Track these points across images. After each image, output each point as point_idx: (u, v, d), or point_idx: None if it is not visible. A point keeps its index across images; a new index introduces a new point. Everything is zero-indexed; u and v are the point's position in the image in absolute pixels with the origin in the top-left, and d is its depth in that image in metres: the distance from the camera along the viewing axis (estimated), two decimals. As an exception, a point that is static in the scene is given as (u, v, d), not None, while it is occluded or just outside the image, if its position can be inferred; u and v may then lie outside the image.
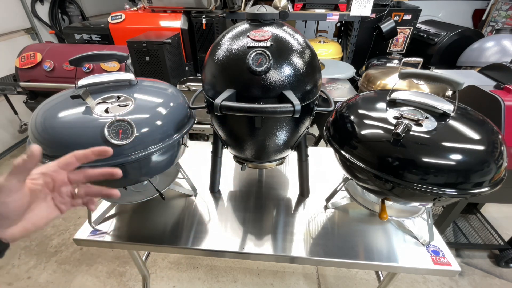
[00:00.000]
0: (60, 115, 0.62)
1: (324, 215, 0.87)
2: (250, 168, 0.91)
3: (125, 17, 2.19)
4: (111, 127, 0.59)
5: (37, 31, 2.68)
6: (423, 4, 2.64)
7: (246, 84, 0.60)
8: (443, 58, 2.38)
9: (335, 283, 1.51)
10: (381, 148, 0.60)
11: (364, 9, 2.27)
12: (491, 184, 0.57)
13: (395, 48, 2.66)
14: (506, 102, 1.05)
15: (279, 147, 0.74)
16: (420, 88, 1.41)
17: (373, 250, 0.75)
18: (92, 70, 1.86)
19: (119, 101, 0.67)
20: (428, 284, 1.49)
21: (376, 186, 0.66)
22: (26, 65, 1.88)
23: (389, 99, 0.70)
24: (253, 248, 0.76)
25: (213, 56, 0.64)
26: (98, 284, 1.51)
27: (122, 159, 0.61)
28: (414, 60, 1.16)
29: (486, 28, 3.67)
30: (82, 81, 0.70)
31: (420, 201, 0.65)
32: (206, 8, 2.13)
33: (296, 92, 0.60)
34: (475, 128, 0.60)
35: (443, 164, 0.55)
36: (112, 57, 0.72)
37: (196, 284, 1.50)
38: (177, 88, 0.82)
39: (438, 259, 0.73)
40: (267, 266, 1.60)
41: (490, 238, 1.62)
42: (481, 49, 2.11)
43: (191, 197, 0.94)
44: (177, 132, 0.70)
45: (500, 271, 1.55)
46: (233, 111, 0.57)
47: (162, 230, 0.81)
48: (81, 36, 2.28)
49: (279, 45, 0.60)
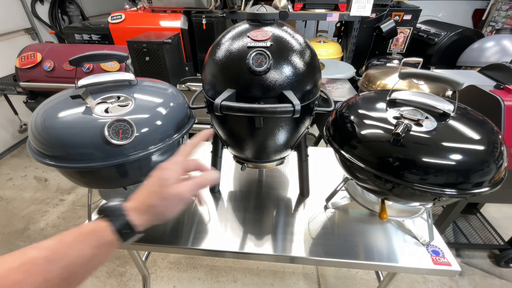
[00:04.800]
0: (60, 115, 0.62)
1: (324, 215, 0.87)
2: (250, 168, 0.91)
3: (125, 17, 2.19)
4: (111, 127, 0.59)
5: (37, 31, 2.68)
6: (423, 4, 2.64)
7: (246, 84, 0.60)
8: (443, 58, 2.38)
9: (335, 283, 1.51)
10: (381, 148, 0.60)
11: (364, 9, 2.27)
12: (491, 184, 0.57)
13: (395, 48, 2.66)
14: (506, 102, 1.05)
15: (279, 147, 0.74)
16: (420, 88, 1.41)
17: (373, 250, 0.75)
18: (92, 70, 1.86)
19: (119, 101, 0.67)
20: (428, 284, 1.49)
21: (376, 186, 0.66)
22: (26, 65, 1.88)
23: (389, 99, 0.70)
24: (253, 248, 0.76)
25: (213, 56, 0.64)
26: (98, 284, 1.51)
27: (122, 159, 0.61)
28: (414, 60, 1.15)
29: (486, 28, 3.67)
30: (82, 81, 0.70)
31: (420, 201, 0.65)
32: (206, 8, 2.13)
33: (296, 92, 0.60)
34: (475, 128, 0.60)
35: (443, 164, 0.55)
36: (112, 57, 0.72)
37: (196, 284, 1.50)
38: (177, 88, 0.82)
39: (438, 259, 0.73)
40: (267, 266, 1.60)
41: (490, 238, 1.62)
42: (481, 49, 2.11)
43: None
44: (177, 132, 0.70)
45: (500, 271, 1.55)
46: (233, 111, 0.57)
47: (162, 230, 0.81)
48: (81, 36, 2.28)
49: (279, 45, 0.60)
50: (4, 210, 1.96)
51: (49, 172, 2.30)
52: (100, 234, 0.39)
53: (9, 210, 1.96)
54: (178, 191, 0.43)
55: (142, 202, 0.42)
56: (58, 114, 0.62)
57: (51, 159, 0.61)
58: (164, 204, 0.42)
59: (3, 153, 2.53)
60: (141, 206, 0.42)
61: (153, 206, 0.42)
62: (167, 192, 0.42)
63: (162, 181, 0.43)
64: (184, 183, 0.44)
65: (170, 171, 0.44)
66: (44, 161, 0.61)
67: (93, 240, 0.38)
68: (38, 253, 0.34)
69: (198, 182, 0.46)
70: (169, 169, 0.44)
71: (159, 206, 0.42)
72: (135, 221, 0.41)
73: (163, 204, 0.42)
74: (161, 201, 0.42)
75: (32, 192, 2.11)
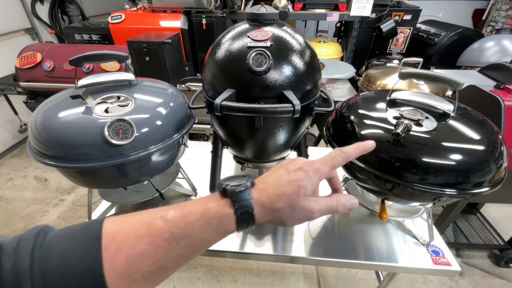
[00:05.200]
0: (60, 115, 0.62)
1: (324, 215, 0.87)
2: (250, 168, 0.91)
3: (125, 17, 2.19)
4: (111, 127, 0.59)
5: (37, 31, 2.68)
6: (423, 4, 2.64)
7: (246, 84, 0.60)
8: (443, 58, 2.38)
9: (335, 283, 1.51)
10: (381, 148, 0.60)
11: (364, 9, 2.27)
12: (491, 184, 0.57)
13: (395, 48, 2.66)
14: (506, 102, 1.05)
15: (279, 147, 0.74)
16: (420, 88, 1.41)
17: (373, 250, 0.75)
18: (92, 70, 1.86)
19: (119, 101, 0.67)
20: (428, 284, 1.49)
21: (376, 186, 0.66)
22: (26, 65, 1.88)
23: (389, 99, 0.70)
24: (253, 248, 0.76)
25: (213, 56, 0.64)
26: (98, 284, 1.50)
27: (122, 159, 0.61)
28: (414, 60, 1.15)
29: (486, 28, 3.67)
30: (82, 81, 0.70)
31: (420, 201, 0.65)
32: (206, 8, 2.13)
33: (296, 92, 0.60)
34: (475, 128, 0.60)
35: (443, 164, 0.55)
36: (112, 57, 0.72)
37: (196, 284, 1.50)
38: (177, 88, 0.82)
39: (438, 259, 0.73)
40: (267, 266, 1.60)
41: (490, 238, 1.62)
42: (481, 49, 2.11)
43: (191, 197, 0.93)
44: (177, 132, 0.70)
45: (500, 271, 1.55)
46: (233, 111, 0.57)
47: (162, 230, 0.81)
48: (81, 36, 2.28)
49: (279, 45, 0.60)
50: (4, 210, 1.96)
51: (49, 172, 2.30)
52: (223, 222, 0.35)
53: (9, 210, 1.96)
54: (311, 208, 0.37)
55: (270, 200, 0.36)
56: (58, 114, 0.62)
57: (51, 159, 0.61)
58: (291, 213, 0.36)
59: (3, 153, 2.53)
60: (267, 203, 0.36)
61: (279, 210, 0.36)
62: (300, 203, 0.36)
63: (299, 189, 0.37)
64: (319, 200, 0.38)
65: (311, 180, 0.38)
66: (44, 161, 0.61)
67: (216, 227, 0.34)
68: (164, 225, 0.32)
69: (332, 207, 0.39)
70: (311, 177, 0.38)
71: (284, 214, 0.36)
72: (256, 217, 0.36)
73: (289, 213, 0.36)
74: (289, 210, 0.36)
75: (32, 192, 2.11)
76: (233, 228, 0.35)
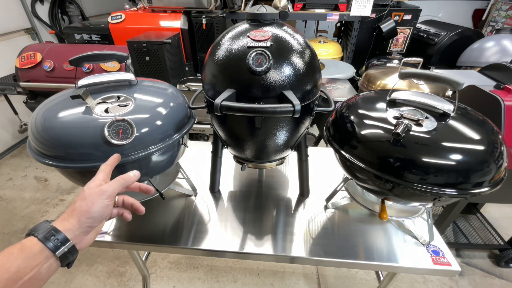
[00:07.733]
0: (60, 115, 0.62)
1: (324, 215, 0.87)
2: (250, 168, 0.91)
3: (125, 17, 2.19)
4: (111, 127, 0.59)
5: (37, 31, 2.68)
6: (423, 4, 2.64)
7: (246, 84, 0.60)
8: (443, 58, 2.38)
9: (335, 283, 1.51)
10: (381, 148, 0.60)
11: (364, 9, 2.27)
12: (491, 184, 0.57)
13: (395, 48, 2.66)
14: (506, 102, 1.05)
15: (279, 147, 0.74)
16: (420, 88, 1.41)
17: (373, 250, 0.75)
18: (92, 70, 1.86)
19: (119, 101, 0.67)
20: (428, 284, 1.49)
21: (376, 186, 0.66)
22: (26, 65, 1.88)
23: (389, 99, 0.70)
24: (253, 248, 0.76)
25: (213, 56, 0.64)
26: (98, 284, 1.51)
27: (122, 159, 0.60)
28: (414, 60, 1.15)
29: (486, 28, 3.67)
30: (82, 81, 0.70)
31: (420, 201, 0.65)
32: (206, 8, 2.13)
33: (296, 92, 0.60)
34: (475, 128, 0.60)
35: (443, 164, 0.55)
36: (112, 57, 0.72)
37: (196, 284, 1.50)
38: (177, 88, 0.82)
39: (438, 259, 0.73)
40: (267, 266, 1.60)
41: (490, 238, 1.62)
42: (481, 49, 2.11)
43: (191, 197, 0.94)
44: (177, 132, 0.70)
45: (500, 271, 1.55)
46: (233, 111, 0.57)
47: (162, 230, 0.81)
48: (81, 36, 2.28)
49: (279, 45, 0.60)
50: (4, 210, 1.96)
51: (49, 172, 2.30)
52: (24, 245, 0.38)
53: (9, 210, 1.96)
54: (99, 188, 0.45)
55: (66, 212, 0.44)
56: (58, 114, 0.62)
57: (51, 159, 0.61)
58: (85, 202, 0.44)
59: (3, 153, 2.53)
60: (64, 214, 0.43)
61: (75, 208, 0.43)
62: (87, 193, 0.45)
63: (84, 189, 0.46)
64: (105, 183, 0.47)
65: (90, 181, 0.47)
66: (44, 161, 0.61)
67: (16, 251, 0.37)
68: None
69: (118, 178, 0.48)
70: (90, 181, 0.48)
71: (80, 206, 0.43)
72: (60, 227, 0.41)
73: (84, 203, 0.44)
74: (81, 201, 0.44)
75: (32, 192, 2.11)
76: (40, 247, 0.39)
